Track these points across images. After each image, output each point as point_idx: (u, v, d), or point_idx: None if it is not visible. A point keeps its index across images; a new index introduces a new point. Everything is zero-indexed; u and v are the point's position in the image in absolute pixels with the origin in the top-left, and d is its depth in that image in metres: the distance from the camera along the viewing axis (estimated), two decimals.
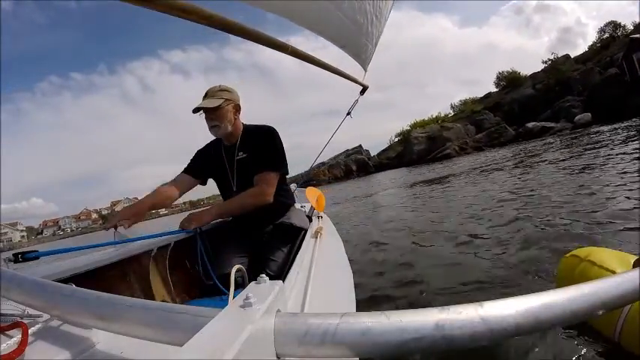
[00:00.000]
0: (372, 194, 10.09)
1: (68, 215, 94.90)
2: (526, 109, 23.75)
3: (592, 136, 11.29)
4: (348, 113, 2.49)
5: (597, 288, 0.38)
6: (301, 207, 2.20)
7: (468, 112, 29.85)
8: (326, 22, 1.40)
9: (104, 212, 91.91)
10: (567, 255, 1.40)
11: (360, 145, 32.98)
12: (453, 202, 5.32)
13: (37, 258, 0.95)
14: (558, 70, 25.85)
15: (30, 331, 0.53)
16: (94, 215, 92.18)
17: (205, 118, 1.48)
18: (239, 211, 1.46)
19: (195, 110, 1.45)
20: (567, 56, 29.80)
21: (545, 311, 0.35)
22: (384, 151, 31.79)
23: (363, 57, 1.91)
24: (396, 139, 31.67)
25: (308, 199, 2.19)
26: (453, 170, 11.77)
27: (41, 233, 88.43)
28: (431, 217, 4.53)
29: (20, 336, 0.51)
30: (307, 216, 1.91)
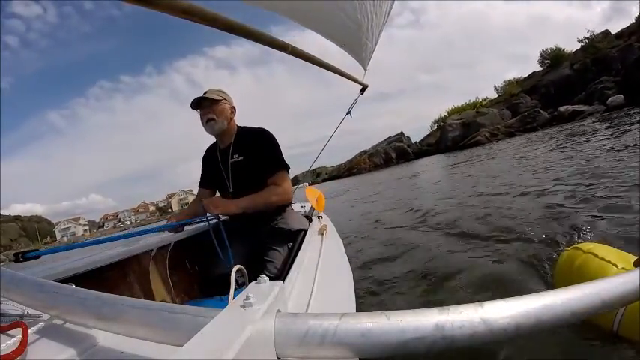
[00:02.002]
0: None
1: (127, 209, 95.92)
2: (562, 91, 22.23)
3: (608, 121, 10.91)
4: (348, 112, 2.49)
5: (598, 288, 0.38)
6: (301, 207, 2.20)
7: (507, 95, 28.37)
8: (327, 22, 1.40)
9: (161, 205, 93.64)
10: (568, 247, 1.40)
11: (402, 133, 32.78)
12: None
13: (38, 257, 0.95)
14: (596, 48, 23.81)
15: (30, 330, 0.53)
16: (152, 208, 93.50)
17: (202, 113, 1.49)
18: (263, 207, 1.47)
19: (196, 104, 1.47)
20: (607, 32, 27.11)
21: (546, 311, 0.35)
22: (426, 137, 31.17)
23: (363, 56, 1.91)
24: (436, 126, 30.79)
25: (308, 199, 2.19)
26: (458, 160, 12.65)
27: (102, 226, 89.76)
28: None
29: (20, 336, 0.51)
30: (307, 216, 1.91)
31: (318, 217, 1.92)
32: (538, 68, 30.74)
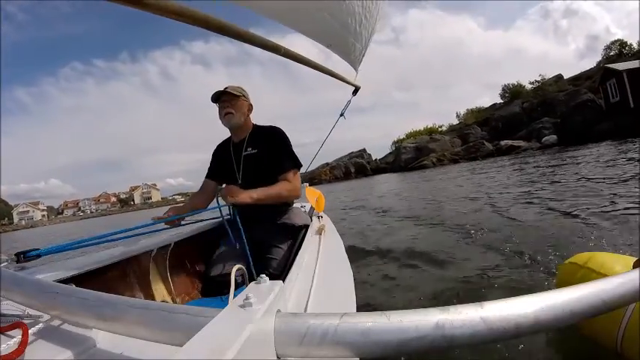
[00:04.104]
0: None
1: (88, 197, 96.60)
2: (509, 126, 25.72)
3: (526, 158, 14.00)
4: (342, 114, 2.48)
5: (597, 289, 0.38)
6: (301, 207, 2.20)
7: (462, 124, 32.34)
8: (309, 21, 1.39)
9: (123, 196, 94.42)
10: (566, 262, 1.36)
11: (364, 149, 35.94)
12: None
13: (38, 256, 0.95)
14: (544, 91, 28.14)
15: (30, 331, 0.53)
16: (113, 199, 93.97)
17: (220, 106, 1.55)
18: (275, 200, 1.51)
19: (216, 97, 1.53)
20: (559, 76, 32.08)
21: (546, 312, 0.35)
22: (386, 155, 34.50)
23: (352, 57, 1.89)
24: (394, 147, 33.90)
25: (308, 199, 2.19)
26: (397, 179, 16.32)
27: (61, 213, 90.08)
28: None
29: (20, 336, 0.51)
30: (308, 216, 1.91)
31: (318, 217, 1.92)
32: (500, 100, 34.78)
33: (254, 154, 1.55)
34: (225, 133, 1.69)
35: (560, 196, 4.26)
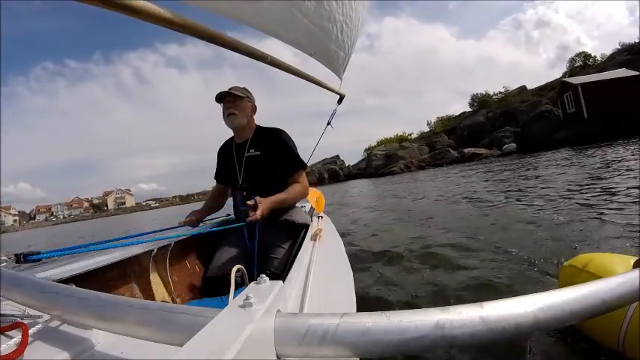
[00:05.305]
0: None
1: (60, 202, 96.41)
2: (474, 135, 27.39)
3: (492, 164, 14.94)
4: (328, 123, 2.49)
5: (597, 289, 0.38)
6: (301, 207, 2.20)
7: (431, 133, 34.33)
8: (293, 30, 1.38)
9: (95, 201, 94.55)
10: (566, 264, 1.36)
11: (337, 156, 36.84)
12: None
13: (39, 260, 0.95)
14: (507, 101, 30.64)
15: (30, 331, 0.53)
16: (86, 204, 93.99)
17: (224, 107, 1.56)
18: (290, 204, 1.57)
19: (220, 97, 1.54)
20: (523, 87, 34.57)
21: (545, 312, 0.35)
22: (359, 162, 35.53)
23: (335, 65, 1.89)
24: (366, 154, 35.24)
25: (308, 199, 2.19)
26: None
27: (34, 218, 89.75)
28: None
29: (20, 336, 0.51)
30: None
31: (318, 217, 1.92)
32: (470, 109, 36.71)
33: (256, 156, 1.55)
34: (204, 137, 1.74)
35: (496, 191, 5.81)
